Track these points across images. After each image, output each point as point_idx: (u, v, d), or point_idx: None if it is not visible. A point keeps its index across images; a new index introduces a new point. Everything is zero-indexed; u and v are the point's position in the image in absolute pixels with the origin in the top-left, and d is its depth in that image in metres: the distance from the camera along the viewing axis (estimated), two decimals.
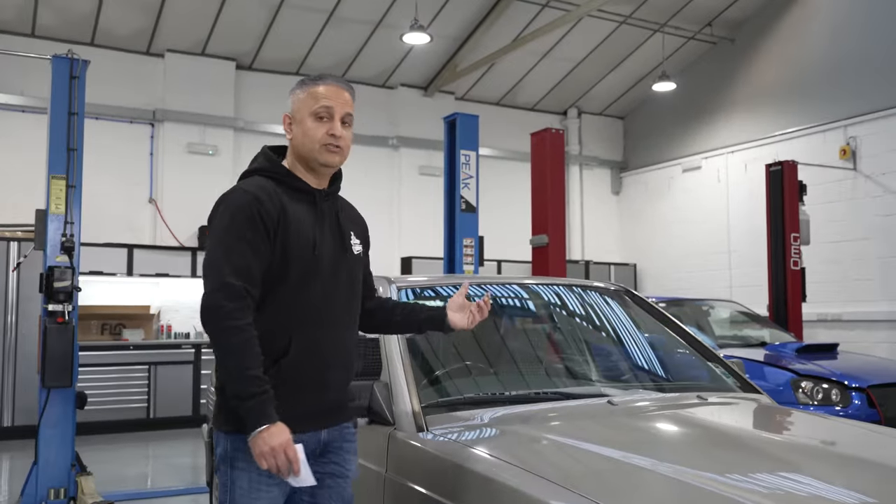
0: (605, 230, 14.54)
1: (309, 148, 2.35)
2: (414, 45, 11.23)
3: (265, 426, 2.08)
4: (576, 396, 2.90)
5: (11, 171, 9.81)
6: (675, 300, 8.88)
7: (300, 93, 2.39)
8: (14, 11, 9.88)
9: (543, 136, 8.16)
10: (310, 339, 2.27)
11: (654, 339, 3.66)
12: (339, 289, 2.36)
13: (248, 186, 2.31)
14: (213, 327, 2.16)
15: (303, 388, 2.26)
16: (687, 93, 13.20)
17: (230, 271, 2.17)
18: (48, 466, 5.51)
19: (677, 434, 2.65)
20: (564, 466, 2.22)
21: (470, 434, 2.49)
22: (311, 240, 2.30)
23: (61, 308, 5.45)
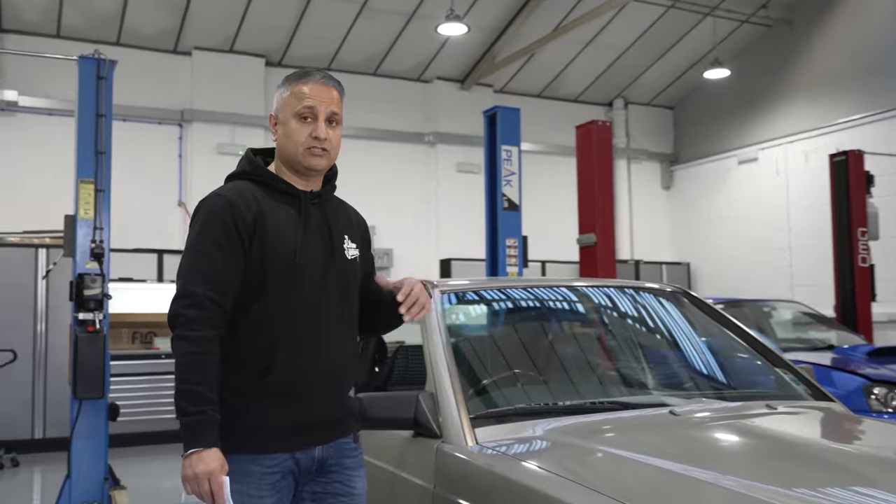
0: (656, 227, 14.38)
1: (292, 151, 2.30)
2: (450, 37, 11.22)
3: (195, 449, 2.04)
4: (634, 406, 2.85)
5: (39, 175, 10.01)
6: (733, 301, 8.74)
7: (284, 91, 2.34)
8: (39, 12, 10.08)
9: (589, 128, 8.07)
10: (295, 352, 2.22)
11: (715, 344, 3.59)
12: (328, 298, 2.30)
13: (224, 191, 2.28)
14: (172, 336, 2.15)
15: (290, 403, 2.21)
16: (741, 80, 12.99)
17: (195, 279, 2.16)
18: (81, 480, 5.58)
19: (745, 446, 2.59)
20: (624, 482, 2.17)
21: (522, 447, 2.46)
22: (291, 246, 2.24)
23: (92, 317, 5.52)
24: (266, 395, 2.18)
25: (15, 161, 10.08)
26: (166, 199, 10.93)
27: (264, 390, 2.18)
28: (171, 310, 2.16)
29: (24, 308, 8.90)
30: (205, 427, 2.06)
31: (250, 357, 2.19)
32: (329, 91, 2.33)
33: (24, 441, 8.63)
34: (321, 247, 2.31)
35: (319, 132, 2.29)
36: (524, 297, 3.65)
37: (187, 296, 2.14)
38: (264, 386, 2.18)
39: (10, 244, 9.11)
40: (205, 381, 2.08)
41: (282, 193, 2.31)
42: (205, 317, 2.12)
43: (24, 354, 8.71)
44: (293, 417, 2.22)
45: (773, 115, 12.62)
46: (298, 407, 2.22)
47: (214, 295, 2.14)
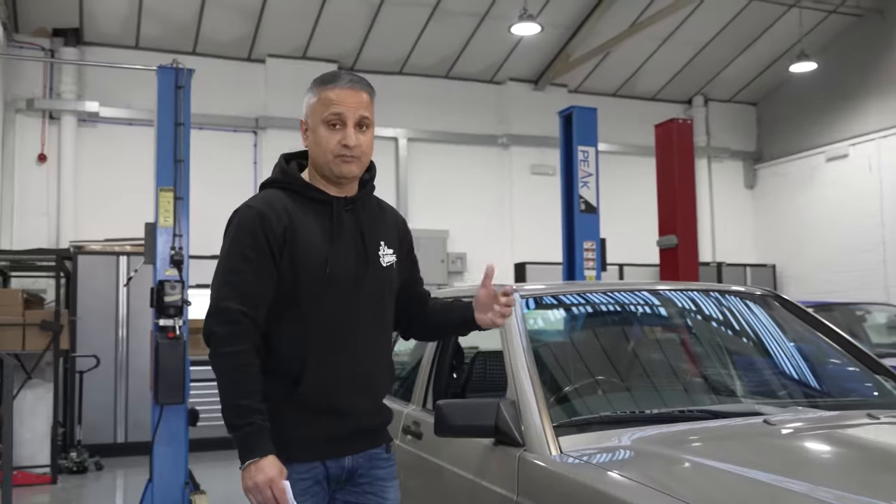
0: (739, 228, 14.03)
1: (323, 159, 2.29)
2: (523, 37, 11.17)
3: (253, 460, 2.08)
4: (725, 415, 2.76)
5: (120, 184, 10.34)
6: (824, 305, 8.48)
7: (312, 97, 2.32)
8: (119, 25, 10.43)
9: (669, 127, 7.95)
10: (326, 364, 2.22)
11: (809, 350, 3.47)
12: (362, 308, 2.29)
13: (255, 202, 2.28)
14: (209, 354, 2.18)
15: (320, 414, 2.23)
16: (829, 73, 12.57)
17: (227, 294, 2.17)
18: (162, 484, 5.74)
19: (844, 457, 2.49)
20: (714, 494, 2.10)
21: (608, 456, 2.41)
22: (323, 256, 2.24)
23: (172, 323, 5.67)
24: (297, 405, 2.21)
25: (97, 171, 10.44)
26: None
27: (295, 400, 2.20)
28: (205, 327, 2.19)
29: (106, 315, 9.21)
30: (257, 437, 2.09)
31: (282, 367, 2.21)
32: (358, 95, 2.29)
33: (107, 445, 8.92)
34: (354, 255, 2.29)
35: (349, 140, 2.26)
36: (605, 301, 3.58)
37: (220, 312, 2.17)
38: (295, 396, 2.20)
39: (93, 252, 9.44)
40: (249, 392, 2.12)
41: (313, 201, 2.31)
42: (239, 331, 2.15)
43: (107, 360, 9.00)
44: (324, 428, 2.24)
45: (865, 109, 12.17)
46: (329, 417, 2.24)
47: (247, 309, 2.16)
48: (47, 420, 7.93)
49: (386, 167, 11.82)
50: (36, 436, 7.88)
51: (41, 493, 7.35)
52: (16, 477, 6.93)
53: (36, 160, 10.23)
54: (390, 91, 12.05)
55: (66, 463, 8.10)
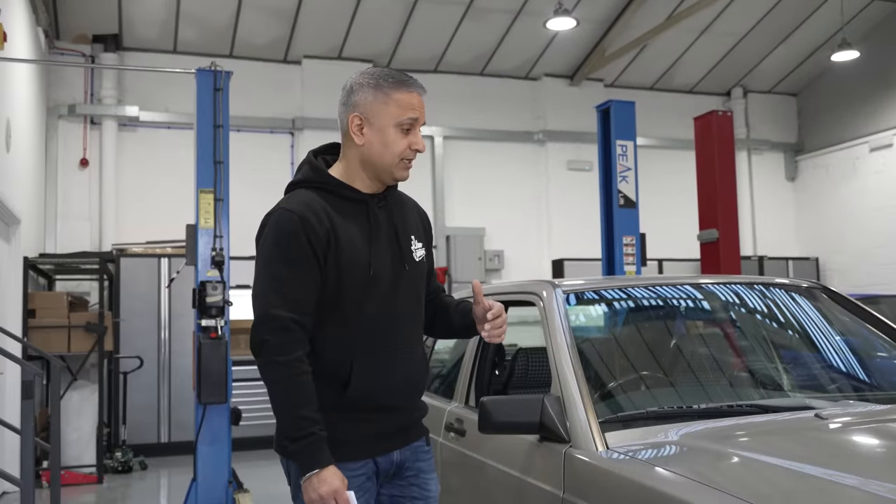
0: (780, 221, 13.83)
1: (387, 162, 2.27)
2: (558, 32, 11.11)
3: (315, 471, 2.08)
4: (774, 409, 2.72)
5: (159, 187, 10.49)
6: (870, 297, 8.32)
7: (379, 96, 2.27)
8: (157, 29, 10.57)
9: (709, 119, 7.85)
10: (372, 365, 2.23)
11: (857, 343, 3.40)
12: (401, 306, 2.30)
13: (292, 205, 2.23)
14: (259, 363, 2.15)
15: (370, 414, 2.25)
16: (872, 61, 12.32)
17: (276, 302, 2.14)
18: (206, 483, 5.81)
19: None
20: (763, 488, 2.07)
21: (655, 452, 2.39)
22: (365, 259, 2.23)
23: (214, 323, 5.74)
24: (347, 406, 2.21)
25: (137, 174, 10.59)
26: None
27: (345, 402, 2.21)
28: (255, 336, 2.16)
29: (149, 316, 9.35)
30: (317, 448, 2.09)
31: (328, 370, 2.21)
32: (423, 102, 2.32)
33: (151, 445, 9.06)
34: (392, 255, 2.30)
35: (421, 144, 2.29)
36: (647, 295, 3.55)
37: (269, 319, 2.14)
38: (344, 398, 2.21)
39: (136, 255, 9.59)
40: (305, 402, 2.11)
41: (348, 200, 2.29)
42: (291, 339, 2.13)
43: (150, 361, 9.14)
44: (373, 425, 2.26)
45: None
46: (378, 417, 2.26)
47: (298, 316, 2.14)
48: (93, 420, 8.07)
49: (422, 166, 11.83)
50: (82, 436, 8.03)
51: (88, 493, 7.48)
52: (63, 477, 7.06)
53: (78, 165, 10.41)
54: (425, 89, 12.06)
55: (112, 463, 8.24)
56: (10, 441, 6.56)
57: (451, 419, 3.50)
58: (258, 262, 2.25)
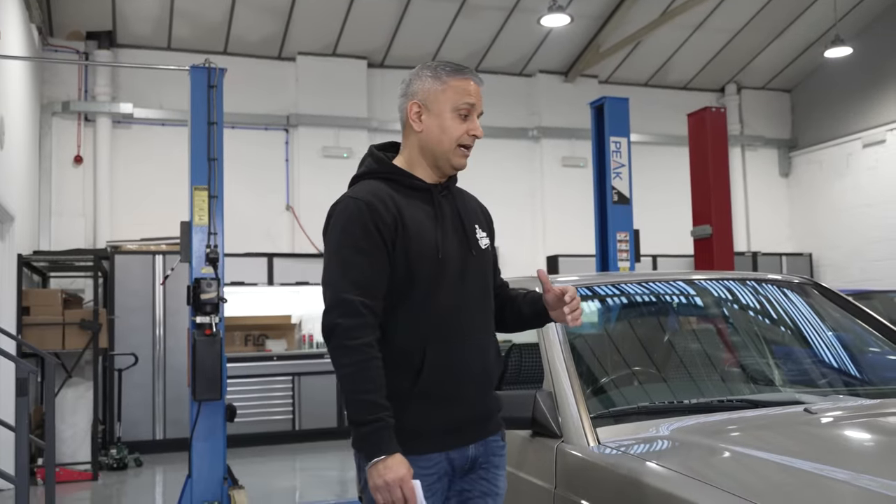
0: (774, 217, 13.87)
1: (445, 148, 2.29)
2: (552, 28, 11.11)
3: (381, 457, 2.05)
4: (765, 404, 2.74)
5: (154, 184, 10.48)
6: (862, 293, 8.35)
7: (436, 83, 2.31)
8: (151, 26, 10.55)
9: (702, 116, 7.87)
10: (445, 351, 2.21)
11: (849, 338, 3.43)
12: (470, 292, 2.29)
13: (358, 193, 2.26)
14: (330, 347, 2.14)
15: (444, 403, 2.21)
16: (865, 57, 12.35)
17: (347, 286, 2.14)
18: (201, 479, 5.81)
19: (887, 445, 2.46)
20: (754, 482, 2.09)
21: (646, 447, 2.40)
22: (433, 243, 2.23)
23: (208, 320, 5.73)
24: (419, 395, 2.18)
25: (132, 171, 10.58)
26: (274, 204, 11.24)
27: (417, 391, 2.18)
28: (326, 321, 2.15)
29: (143, 313, 9.35)
30: (383, 434, 2.06)
31: (401, 359, 2.18)
32: (480, 91, 2.38)
33: (146, 442, 9.06)
34: (458, 241, 2.30)
35: (478, 130, 2.33)
36: (640, 291, 3.57)
37: (340, 304, 2.13)
38: (417, 387, 2.18)
39: (130, 252, 9.58)
40: (375, 387, 2.09)
41: (413, 189, 2.30)
42: (362, 323, 2.12)
43: (145, 358, 9.15)
44: (447, 417, 2.22)
45: None
46: (451, 406, 2.22)
47: (368, 300, 2.14)
48: (87, 418, 8.07)
49: None
50: (77, 433, 8.03)
51: (83, 490, 7.49)
52: (58, 474, 7.06)
53: (72, 162, 10.39)
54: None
55: (107, 460, 8.25)
56: (5, 438, 6.55)
57: None
58: (327, 251, 2.26)
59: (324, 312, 2.17)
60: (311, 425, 9.83)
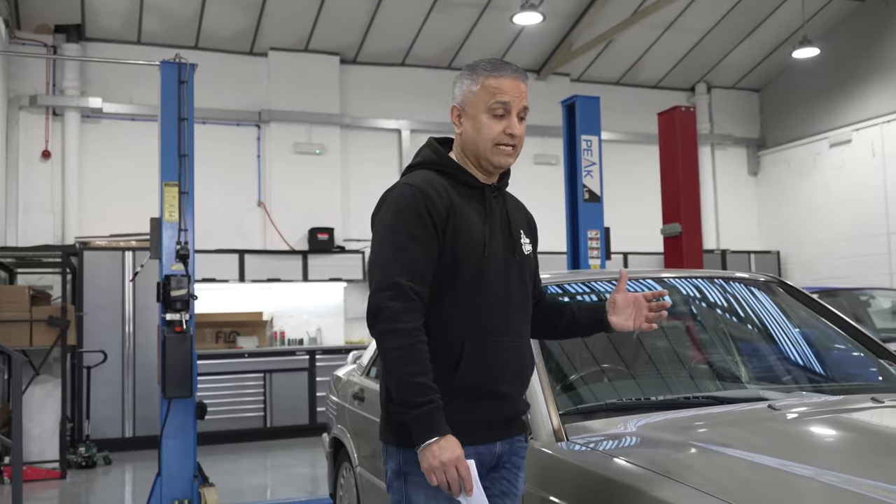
0: (743, 215, 14.03)
1: (482, 147, 2.28)
2: (525, 26, 11.15)
3: (434, 438, 2.03)
4: (730, 401, 2.78)
5: (123, 179, 10.37)
6: (828, 290, 8.48)
7: (471, 84, 2.31)
8: (120, 20, 10.44)
9: (672, 115, 7.93)
10: (483, 347, 2.21)
11: (813, 335, 3.48)
12: (511, 293, 2.30)
13: (413, 180, 2.26)
14: (378, 329, 2.13)
15: (479, 397, 2.21)
16: (832, 58, 12.53)
17: (398, 270, 2.13)
18: (171, 477, 5.78)
19: (848, 440, 2.51)
20: (720, 478, 2.13)
21: (614, 443, 2.43)
22: (481, 240, 2.24)
23: (178, 317, 5.70)
24: (455, 389, 2.16)
25: (101, 167, 10.46)
26: (246, 200, 11.18)
27: (455, 385, 2.16)
28: (373, 302, 2.15)
29: (113, 310, 9.26)
30: (436, 415, 2.05)
31: (440, 351, 2.17)
32: (520, 86, 2.30)
33: (115, 440, 8.98)
34: (504, 242, 2.32)
35: (514, 129, 2.27)
36: (609, 290, 3.60)
37: (391, 287, 2.12)
38: (454, 381, 2.17)
39: (99, 248, 9.48)
40: (424, 370, 2.08)
41: (465, 185, 2.31)
42: (411, 307, 2.12)
43: (114, 355, 9.06)
44: (481, 412, 2.21)
45: (867, 94, 12.14)
46: (486, 401, 2.22)
47: (417, 286, 2.14)
48: (56, 415, 7.98)
49: (389, 159, 11.83)
50: (45, 431, 7.93)
51: (51, 489, 7.40)
52: (25, 472, 6.98)
53: (40, 157, 10.25)
54: (392, 83, 12.05)
55: (75, 458, 8.16)
56: None
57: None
58: (377, 234, 2.25)
59: (372, 293, 2.16)
60: (283, 422, 9.80)
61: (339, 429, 4.56)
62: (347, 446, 4.34)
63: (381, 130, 11.91)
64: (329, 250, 10.81)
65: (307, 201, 11.12)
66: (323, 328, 10.85)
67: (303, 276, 10.61)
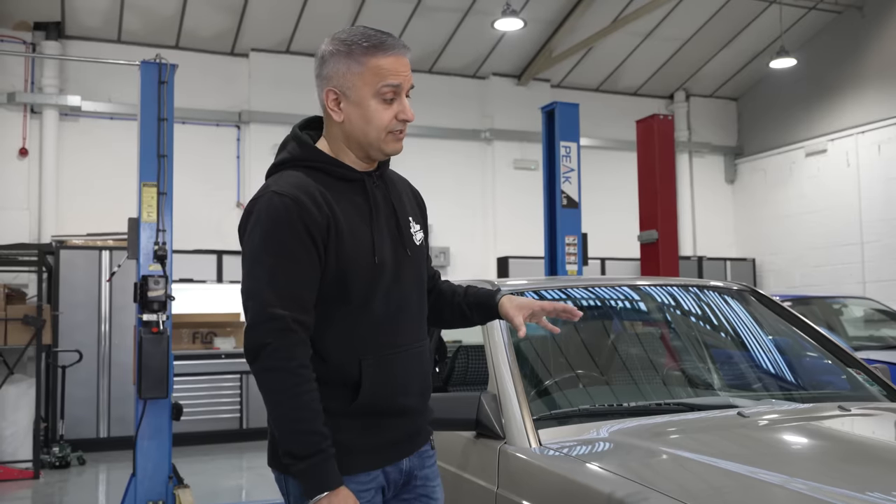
0: (719, 223, 14.16)
1: (374, 137, 2.01)
2: (506, 32, 11.20)
3: (325, 494, 1.85)
4: (701, 408, 2.82)
5: (101, 178, 10.30)
6: (802, 298, 8.59)
7: (352, 64, 1.97)
8: (101, 18, 10.37)
9: (650, 123, 8.00)
10: (382, 363, 2.01)
11: (784, 344, 3.53)
12: (406, 296, 2.08)
13: (284, 188, 1.96)
14: (257, 370, 1.90)
15: (380, 418, 2.03)
16: (809, 69, 12.69)
17: (272, 300, 1.87)
18: (146, 478, 5.75)
19: (816, 448, 2.55)
20: (690, 485, 2.16)
21: (586, 449, 2.46)
22: (369, 244, 1.99)
23: (155, 318, 5.67)
24: (357, 413, 1.99)
25: (78, 165, 10.39)
26: (225, 201, 11.14)
27: (356, 408, 1.99)
28: (251, 339, 1.90)
29: (89, 309, 9.19)
30: (327, 467, 1.86)
31: (335, 374, 1.98)
32: (406, 62, 2.02)
33: (89, 440, 8.91)
34: (392, 239, 2.07)
35: (408, 114, 2.02)
36: (586, 296, 3.63)
37: (269, 320, 1.87)
38: (356, 404, 1.98)
39: (75, 247, 9.41)
40: (312, 415, 1.87)
41: (342, 180, 2.04)
42: (293, 342, 1.88)
43: (90, 355, 8.99)
44: (383, 432, 2.04)
45: (843, 104, 12.30)
46: (388, 420, 2.05)
47: (299, 315, 1.89)
48: (30, 415, 7.90)
49: None
50: (18, 431, 7.85)
51: (24, 489, 7.34)
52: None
53: (17, 154, 10.17)
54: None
55: (49, 458, 8.09)
56: None
57: None
58: (246, 256, 1.96)
59: (247, 329, 1.91)
60: (259, 424, 9.75)
61: None
62: None
63: None
64: None
65: None
66: None
67: None
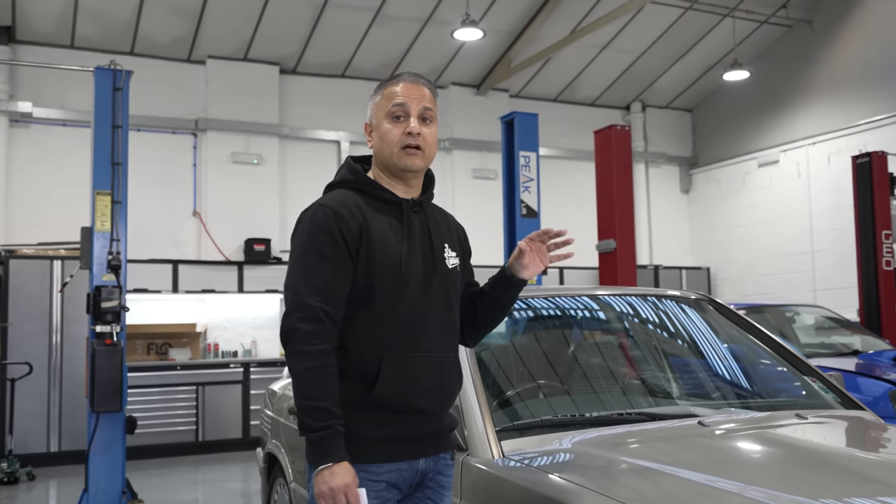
0: (675, 232, 14.34)
1: (388, 153, 2.31)
2: (465, 42, 11.24)
3: (327, 464, 2.06)
4: (662, 417, 2.84)
5: (53, 186, 10.09)
6: (755, 307, 8.69)
7: (376, 97, 2.37)
8: (53, 23, 10.18)
9: (608, 133, 8.08)
10: (401, 364, 2.22)
11: (741, 352, 3.58)
12: (431, 309, 2.30)
13: (327, 201, 2.29)
14: (287, 351, 2.15)
15: (398, 412, 2.21)
16: (761, 81, 12.94)
17: (309, 291, 2.16)
18: (98, 494, 5.63)
19: (774, 456, 2.58)
20: (651, 494, 2.17)
21: (548, 459, 2.46)
22: (397, 256, 2.25)
23: (109, 329, 5.57)
24: (373, 405, 2.19)
25: (30, 173, 10.17)
26: (181, 209, 10.99)
27: (371, 401, 2.18)
28: (285, 324, 2.16)
29: (40, 320, 8.97)
30: (333, 441, 2.07)
31: (357, 369, 2.19)
32: (420, 89, 2.35)
33: (39, 455, 8.69)
34: (423, 257, 2.31)
35: (412, 127, 2.29)
36: (546, 306, 3.64)
37: (302, 308, 2.15)
38: (371, 397, 2.18)
39: (26, 256, 9.20)
40: (328, 395, 2.10)
41: (383, 202, 2.32)
42: (321, 329, 2.14)
43: (40, 367, 8.77)
44: (400, 427, 2.22)
45: (794, 116, 12.56)
46: (406, 419, 2.23)
47: (328, 307, 2.15)
48: None
49: (328, 171, 11.71)
50: None
51: None
52: None
53: None
54: (332, 94, 12.01)
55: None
56: None
57: None
58: (291, 256, 2.27)
59: (284, 315, 2.19)
60: (215, 436, 9.62)
61: (274, 444, 4.50)
62: (282, 461, 4.29)
63: (320, 142, 11.84)
64: (265, 261, 10.68)
65: (244, 211, 10.98)
66: (258, 340, 10.70)
67: (238, 288, 10.45)
